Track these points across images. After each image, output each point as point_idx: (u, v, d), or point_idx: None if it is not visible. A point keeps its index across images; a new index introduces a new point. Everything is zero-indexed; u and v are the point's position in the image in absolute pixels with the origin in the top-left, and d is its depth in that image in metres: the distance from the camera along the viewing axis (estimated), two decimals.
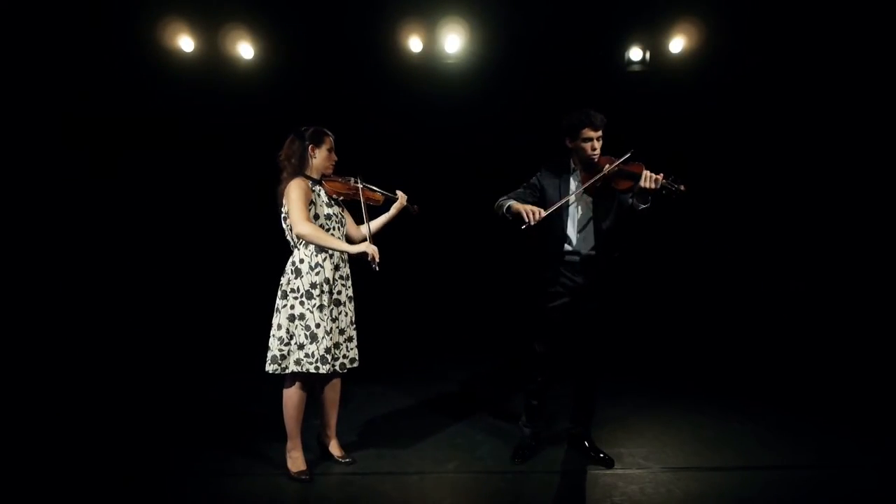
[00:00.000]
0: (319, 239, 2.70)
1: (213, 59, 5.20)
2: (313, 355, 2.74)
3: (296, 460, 2.90)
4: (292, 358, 2.76)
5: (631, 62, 5.32)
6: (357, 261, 2.80)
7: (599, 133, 2.87)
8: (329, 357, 2.76)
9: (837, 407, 3.74)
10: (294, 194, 2.72)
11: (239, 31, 5.13)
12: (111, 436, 3.38)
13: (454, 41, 5.16)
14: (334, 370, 2.82)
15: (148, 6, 5.00)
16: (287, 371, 2.78)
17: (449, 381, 4.41)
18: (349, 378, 3.08)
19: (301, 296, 2.77)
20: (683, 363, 4.79)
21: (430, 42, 5.21)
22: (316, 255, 2.80)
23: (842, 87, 5.12)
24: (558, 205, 2.84)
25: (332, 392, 3.03)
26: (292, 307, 2.78)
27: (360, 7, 5.11)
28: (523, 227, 2.75)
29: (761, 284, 5.60)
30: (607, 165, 2.83)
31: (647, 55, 5.29)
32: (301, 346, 2.75)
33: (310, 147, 2.84)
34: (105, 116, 5.36)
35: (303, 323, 2.76)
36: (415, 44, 5.18)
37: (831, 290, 5.34)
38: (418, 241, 5.50)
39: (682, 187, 2.73)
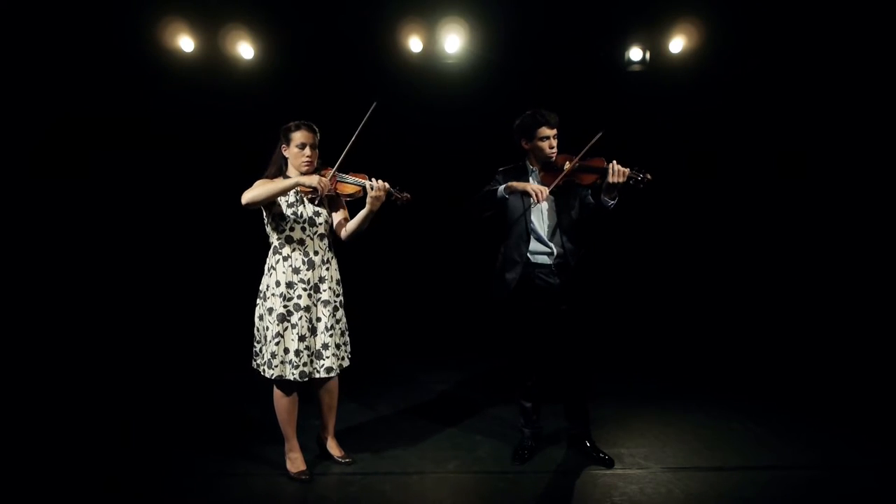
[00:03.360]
0: (264, 191, 2.65)
1: (213, 59, 5.20)
2: (264, 356, 2.79)
3: (295, 461, 2.90)
4: (261, 356, 2.84)
5: (631, 62, 5.32)
6: (357, 260, 2.77)
7: (555, 131, 2.89)
8: (275, 362, 2.73)
9: (837, 407, 3.74)
10: (254, 185, 2.72)
11: (239, 31, 5.13)
12: (111, 436, 3.38)
13: (454, 41, 5.15)
14: (285, 377, 2.74)
15: (148, 6, 5.00)
16: (258, 368, 2.85)
17: (449, 382, 4.41)
18: (349, 379, 3.07)
19: (261, 297, 2.81)
20: (683, 363, 4.79)
21: (430, 42, 5.20)
22: (272, 257, 2.80)
23: (842, 86, 5.12)
24: (557, 180, 2.79)
25: (328, 394, 2.98)
26: (259, 307, 2.83)
27: (360, 7, 5.11)
28: (534, 203, 2.75)
29: (761, 284, 5.60)
30: (567, 163, 2.83)
31: (647, 55, 5.29)
32: (262, 346, 2.82)
33: (282, 146, 2.82)
34: (105, 116, 5.35)
35: (262, 324, 2.80)
36: (415, 44, 5.17)
37: (832, 290, 5.33)
38: (417, 242, 5.51)
39: (649, 176, 2.71)
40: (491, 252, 3.11)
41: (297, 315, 2.75)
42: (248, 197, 2.66)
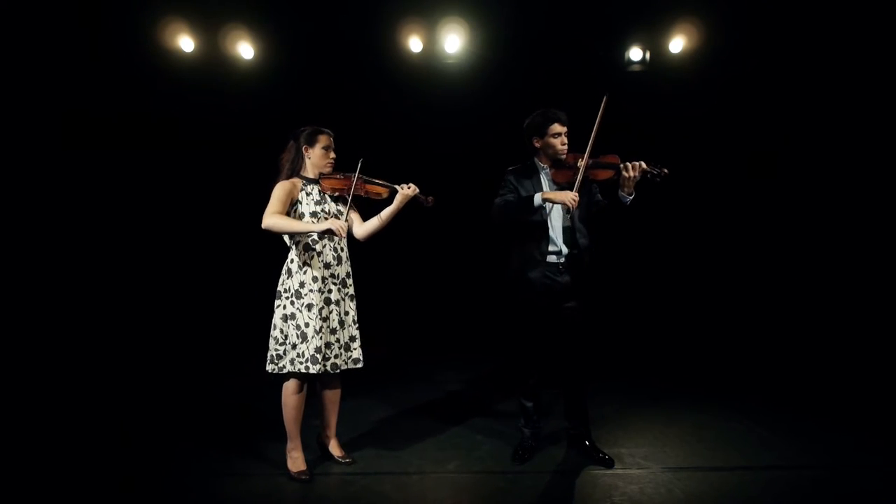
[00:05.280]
0: (283, 226, 2.71)
1: (213, 59, 5.21)
2: (304, 355, 2.75)
3: (296, 460, 2.90)
4: (287, 358, 2.78)
5: (631, 62, 5.32)
6: (358, 260, 2.78)
7: (566, 129, 2.91)
8: (319, 357, 2.75)
9: (838, 407, 3.74)
10: (274, 193, 2.76)
11: (239, 31, 5.14)
12: (112, 436, 3.38)
13: (454, 41, 5.16)
14: (325, 370, 2.79)
15: (148, 6, 5.01)
16: (284, 371, 2.80)
17: (450, 381, 4.41)
18: (349, 378, 3.07)
19: (291, 295, 2.79)
20: (684, 363, 4.79)
21: (430, 42, 5.21)
22: (304, 254, 2.81)
23: (842, 86, 5.12)
24: (579, 177, 2.78)
25: (332, 392, 3.02)
26: (284, 307, 2.80)
27: (360, 7, 5.12)
28: (568, 213, 2.83)
29: (763, 284, 5.60)
30: (579, 160, 2.83)
31: (647, 55, 5.30)
32: (294, 346, 2.77)
33: (304, 147, 2.87)
34: (105, 116, 5.36)
35: (294, 322, 2.78)
36: (415, 44, 5.18)
37: (833, 290, 5.33)
38: (419, 242, 5.51)
39: (665, 170, 2.72)
40: (492, 252, 3.09)
41: (328, 309, 2.82)
42: (268, 224, 2.69)
